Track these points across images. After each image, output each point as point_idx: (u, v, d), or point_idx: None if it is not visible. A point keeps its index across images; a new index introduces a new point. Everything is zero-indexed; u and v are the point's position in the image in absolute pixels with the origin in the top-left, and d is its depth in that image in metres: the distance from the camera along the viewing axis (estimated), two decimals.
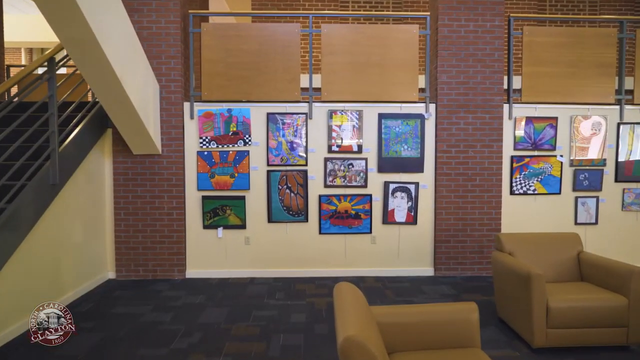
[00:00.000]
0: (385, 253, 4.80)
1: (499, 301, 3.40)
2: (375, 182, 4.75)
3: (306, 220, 4.73)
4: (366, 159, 4.71)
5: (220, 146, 4.66)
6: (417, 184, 4.73)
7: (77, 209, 4.10)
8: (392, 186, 4.73)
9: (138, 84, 4.04)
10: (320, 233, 4.75)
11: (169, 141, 4.61)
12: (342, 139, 4.71)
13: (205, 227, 4.71)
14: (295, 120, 4.68)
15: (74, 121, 4.04)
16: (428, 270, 4.81)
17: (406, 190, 4.74)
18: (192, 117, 4.66)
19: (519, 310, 3.02)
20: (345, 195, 4.73)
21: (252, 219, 4.73)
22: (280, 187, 4.69)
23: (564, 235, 3.58)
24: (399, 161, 4.72)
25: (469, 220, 4.75)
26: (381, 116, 4.70)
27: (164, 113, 4.59)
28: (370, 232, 4.77)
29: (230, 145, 4.67)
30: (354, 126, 4.70)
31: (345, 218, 4.74)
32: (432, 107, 4.74)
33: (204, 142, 4.66)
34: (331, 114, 4.68)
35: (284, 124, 4.67)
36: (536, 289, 2.81)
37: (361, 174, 4.72)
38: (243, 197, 4.68)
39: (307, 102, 4.70)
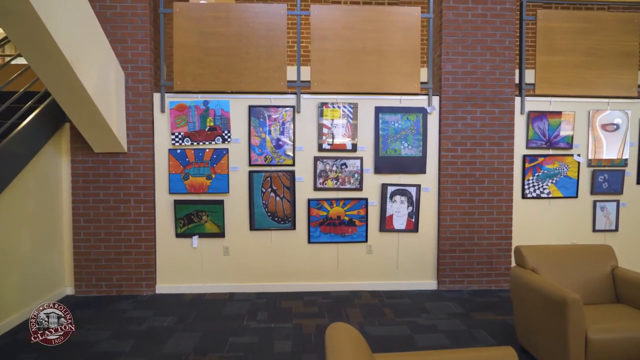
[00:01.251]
0: (382, 264, 4.26)
1: (520, 326, 2.87)
2: (372, 185, 4.21)
3: (293, 227, 4.18)
4: (361, 159, 4.17)
5: (195, 143, 4.09)
6: (418, 187, 4.21)
7: (25, 216, 3.50)
8: (390, 189, 4.20)
9: (96, 71, 3.46)
10: (309, 242, 4.20)
11: (136, 137, 4.03)
12: (334, 135, 4.17)
13: (178, 235, 4.13)
14: (281, 114, 4.13)
15: (19, 113, 3.44)
16: (431, 284, 4.28)
17: (406, 193, 4.22)
18: (162, 110, 4.08)
19: (548, 340, 2.50)
20: (337, 199, 4.18)
21: (231, 226, 4.16)
22: (264, 190, 4.14)
23: (594, 247, 3.07)
24: (399, 161, 4.19)
25: (477, 227, 4.23)
26: (378, 110, 4.17)
27: (130, 105, 4.02)
28: (366, 241, 4.23)
29: (207, 143, 4.10)
30: (347, 121, 4.16)
31: (338, 225, 4.20)
32: (436, 99, 4.22)
33: (177, 139, 4.08)
34: (322, 107, 4.14)
35: (268, 118, 4.12)
36: (573, 317, 2.29)
37: (356, 176, 4.18)
38: (221, 202, 4.12)
39: (295, 93, 4.15)
